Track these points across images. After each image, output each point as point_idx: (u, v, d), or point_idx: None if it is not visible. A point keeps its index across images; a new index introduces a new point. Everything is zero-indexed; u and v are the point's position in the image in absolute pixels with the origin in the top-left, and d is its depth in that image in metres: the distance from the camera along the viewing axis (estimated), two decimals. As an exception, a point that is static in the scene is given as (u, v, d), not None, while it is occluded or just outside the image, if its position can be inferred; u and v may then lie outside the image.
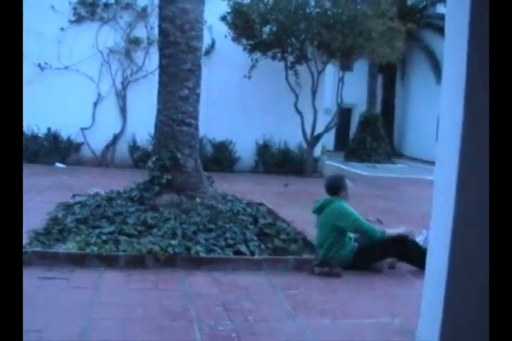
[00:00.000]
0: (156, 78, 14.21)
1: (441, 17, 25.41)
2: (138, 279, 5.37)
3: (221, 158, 16.14)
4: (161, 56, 7.48)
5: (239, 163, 16.81)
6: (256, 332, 4.25)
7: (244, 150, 16.76)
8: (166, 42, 7.33)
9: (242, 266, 6.01)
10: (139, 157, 15.22)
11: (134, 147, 15.61)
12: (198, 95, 7.65)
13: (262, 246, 6.47)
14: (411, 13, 25.40)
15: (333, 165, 20.79)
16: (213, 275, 5.69)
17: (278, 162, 16.95)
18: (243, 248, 6.31)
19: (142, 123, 14.66)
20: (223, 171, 15.25)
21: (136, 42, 15.33)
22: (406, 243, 6.34)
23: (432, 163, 24.98)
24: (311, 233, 7.33)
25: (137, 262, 5.74)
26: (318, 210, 6.61)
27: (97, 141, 15.42)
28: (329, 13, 14.81)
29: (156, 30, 14.86)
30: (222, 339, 4.08)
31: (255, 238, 6.64)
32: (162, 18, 7.31)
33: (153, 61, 14.95)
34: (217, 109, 15.54)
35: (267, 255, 6.30)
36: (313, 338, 4.23)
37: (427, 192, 13.50)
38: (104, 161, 15.57)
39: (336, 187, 6.66)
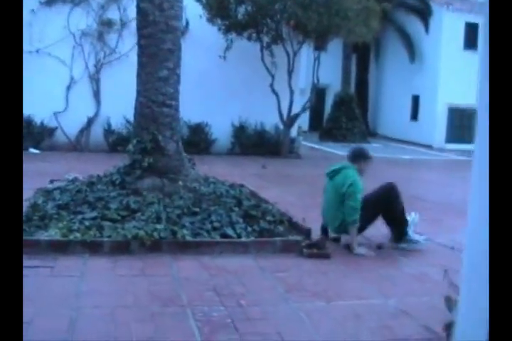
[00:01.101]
0: (130, 60, 14.14)
1: (414, -4, 25.43)
2: (124, 265, 5.23)
3: (197, 140, 15.98)
4: (140, 36, 7.28)
5: (215, 145, 16.71)
6: (250, 317, 4.16)
7: (221, 132, 16.64)
8: (144, 22, 7.13)
9: (229, 249, 5.91)
10: (114, 141, 15.02)
11: (108, 131, 15.39)
12: (179, 76, 7.48)
13: (248, 229, 6.36)
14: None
15: (308, 145, 20.77)
16: (201, 259, 5.58)
17: (254, 143, 16.88)
18: (229, 231, 6.21)
19: (117, 107, 14.47)
20: (200, 153, 15.06)
21: (108, 24, 15.04)
22: (392, 195, 6.47)
23: (406, 142, 25.12)
24: (296, 214, 7.28)
25: (122, 248, 5.60)
26: (331, 174, 6.56)
27: (71, 126, 15.16)
28: (305, -8, 14.63)
29: (128, 12, 14.75)
30: (217, 325, 3.98)
31: (241, 220, 6.54)
32: (140, -3, 7.10)
33: (126, 43, 14.73)
34: (192, 91, 15.29)
35: (254, 237, 6.20)
36: (309, 321, 4.15)
37: (405, 173, 13.66)
38: (78, 146, 15.33)
39: (357, 154, 6.69)
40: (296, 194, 10.20)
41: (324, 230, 6.70)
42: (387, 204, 6.47)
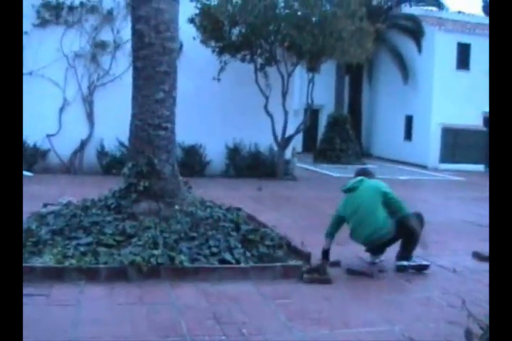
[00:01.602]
0: (123, 82, 14.10)
1: (407, 17, 25.60)
2: (121, 293, 5.09)
3: (191, 163, 15.88)
4: (135, 58, 7.19)
5: (209, 167, 16.61)
6: (253, 346, 4.03)
7: (215, 154, 16.57)
8: (140, 44, 7.04)
9: (228, 275, 5.77)
10: (107, 163, 14.89)
11: (102, 153, 15.27)
12: (174, 98, 7.38)
13: (247, 254, 6.24)
14: (377, 13, 25.44)
15: (303, 167, 20.68)
16: (200, 286, 5.44)
17: (249, 165, 16.80)
18: (228, 256, 6.07)
19: (110, 129, 14.39)
20: (194, 176, 14.94)
21: (102, 45, 15.01)
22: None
23: (400, 163, 25.08)
24: (294, 238, 7.17)
25: (119, 274, 5.45)
26: (351, 189, 6.63)
27: (64, 148, 15.04)
28: (299, 13, 14.67)
29: (122, 33, 14.73)
30: (219, 356, 3.84)
31: (239, 245, 6.40)
32: (136, 19, 7.02)
33: (120, 65, 14.69)
34: (186, 113, 15.19)
35: (253, 263, 6.07)
36: (314, 351, 4.02)
37: (403, 194, 13.51)
38: (72, 168, 15.19)
39: (366, 172, 6.96)
40: (293, 217, 10.09)
41: (325, 254, 6.58)
42: (408, 232, 6.42)
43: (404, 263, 6.43)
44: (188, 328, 4.28)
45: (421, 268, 6.45)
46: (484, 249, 7.79)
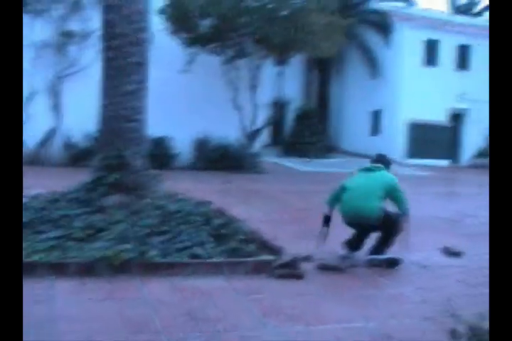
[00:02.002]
0: (91, 73, 13.86)
1: (376, 12, 25.66)
2: (92, 288, 4.97)
3: (159, 155, 15.67)
4: (106, 48, 7.06)
5: (177, 160, 16.49)
6: (229, 343, 3.97)
7: (183, 146, 16.46)
8: (111, 34, 6.91)
9: (200, 270, 5.68)
10: (74, 155, 14.67)
11: (69, 144, 15.03)
12: (146, 90, 7.29)
13: (219, 248, 6.17)
14: (346, 8, 25.45)
15: (271, 160, 20.65)
16: (172, 281, 5.35)
17: (217, 158, 16.73)
18: (199, 250, 5.99)
19: (78, 120, 14.16)
20: (161, 168, 14.72)
21: (69, 35, 14.72)
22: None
23: (368, 157, 25.20)
24: (265, 231, 7.12)
25: (89, 269, 5.32)
26: (367, 169, 6.79)
27: (30, 139, 14.71)
28: (270, 6, 14.59)
29: (90, 23, 14.47)
30: (194, 353, 3.77)
31: (211, 239, 6.34)
32: (107, 8, 6.88)
33: (87, 55, 14.44)
34: (154, 104, 15.02)
35: (225, 257, 6.00)
36: (289, 348, 3.97)
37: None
38: (38, 159, 14.90)
39: (388, 161, 7.04)
40: (263, 210, 10.04)
41: (326, 219, 6.70)
42: (392, 227, 6.52)
43: (376, 257, 6.43)
44: (161, 324, 4.20)
45: (393, 263, 6.45)
46: (455, 244, 7.87)
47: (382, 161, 6.94)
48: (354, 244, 6.72)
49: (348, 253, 6.72)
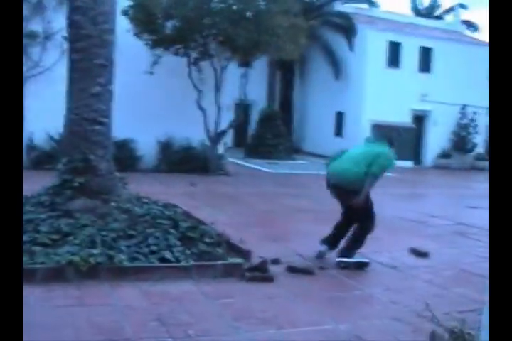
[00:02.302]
0: (54, 74, 13.67)
1: (339, 15, 25.86)
2: (60, 294, 4.88)
3: (122, 157, 15.46)
4: (71, 50, 6.92)
5: (141, 162, 16.33)
6: (201, 348, 3.94)
7: (147, 149, 16.31)
8: (77, 35, 6.79)
9: (169, 274, 5.63)
10: (36, 157, 14.42)
11: (31, 147, 14.76)
12: (111, 92, 7.18)
13: (187, 252, 6.12)
14: (310, 10, 25.61)
15: (234, 162, 20.63)
16: (141, 286, 5.29)
17: (181, 160, 16.62)
18: (168, 254, 5.93)
19: (39, 122, 13.93)
20: (125, 170, 14.59)
21: (31, 36, 14.47)
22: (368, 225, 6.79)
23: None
24: (232, 235, 7.10)
25: (57, 275, 5.23)
26: (368, 139, 7.05)
27: (-11, 141, 14.47)
28: (234, 8, 14.57)
29: (53, 24, 14.26)
30: (167, 359, 3.73)
31: (178, 243, 6.28)
32: (73, 9, 6.75)
33: (50, 57, 14.23)
34: (117, 106, 14.89)
35: (193, 261, 5.95)
36: (262, 352, 3.96)
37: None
38: (-3, 162, 14.62)
39: (391, 140, 7.00)
40: (228, 213, 10.01)
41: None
42: (367, 219, 6.79)
43: (345, 259, 6.46)
44: (132, 331, 4.15)
45: (361, 266, 6.49)
46: (421, 245, 7.95)
47: (388, 138, 7.01)
48: (332, 241, 6.76)
49: (324, 250, 6.75)
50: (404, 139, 24.70)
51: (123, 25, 14.44)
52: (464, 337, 2.52)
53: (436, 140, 26.39)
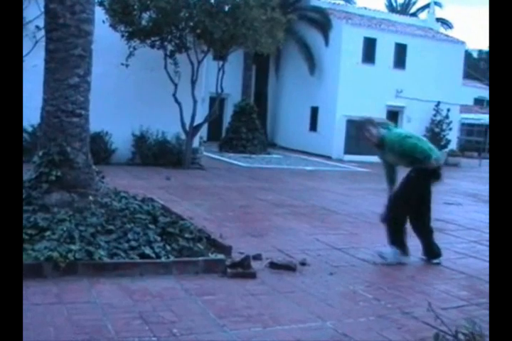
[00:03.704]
0: (26, 65, 13.36)
1: (315, 9, 25.81)
2: (38, 292, 4.73)
3: (96, 150, 15.20)
4: (48, 40, 6.73)
5: (115, 155, 16.14)
6: (186, 347, 3.83)
7: (121, 142, 16.12)
8: (54, 25, 6.60)
9: (149, 271, 5.52)
10: (8, 150, 14.15)
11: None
12: (89, 83, 7.01)
13: (167, 247, 6.01)
14: (286, 4, 25.52)
15: (209, 156, 20.50)
16: (120, 283, 5.17)
17: (155, 153, 16.48)
18: (148, 250, 5.81)
19: (11, 114, 13.64)
20: (99, 163, 14.40)
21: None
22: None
23: (306, 153, 25.29)
24: (211, 229, 7.03)
25: (33, 271, 5.07)
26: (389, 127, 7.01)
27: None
28: (211, 1, 14.42)
29: (25, 13, 13.93)
30: (152, 359, 3.62)
31: (158, 238, 6.16)
32: (50, -3, 6.58)
33: (25, 46, 13.91)
34: (92, 98, 14.68)
35: (174, 256, 5.84)
36: (249, 351, 3.87)
37: (309, 184, 13.65)
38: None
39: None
40: (206, 207, 9.90)
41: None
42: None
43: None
44: (115, 329, 4.03)
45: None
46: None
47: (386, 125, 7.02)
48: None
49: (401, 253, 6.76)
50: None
51: (99, 16, 14.23)
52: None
53: (410, 136, 26.51)
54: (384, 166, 7.00)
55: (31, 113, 9.72)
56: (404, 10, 38.12)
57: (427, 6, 35.28)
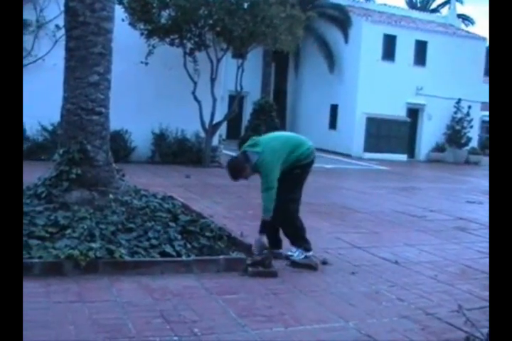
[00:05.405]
0: (46, 64, 13.46)
1: (334, 7, 25.67)
2: (59, 290, 4.72)
3: (116, 148, 15.25)
4: (68, 38, 6.74)
5: (135, 153, 16.17)
6: (208, 347, 3.79)
7: (140, 140, 16.16)
8: (74, 23, 6.60)
9: (170, 269, 5.48)
10: (28, 148, 14.21)
11: (23, 138, 14.53)
12: (109, 81, 7.01)
13: (188, 246, 5.98)
14: (306, 1, 25.41)
15: (229, 154, 20.45)
16: (141, 281, 5.14)
17: (175, 152, 16.50)
18: (168, 248, 5.78)
19: (32, 113, 13.64)
20: (118, 162, 14.44)
21: (24, 25, 14.20)
22: None
23: (325, 151, 25.21)
24: (231, 228, 6.98)
25: (54, 269, 5.07)
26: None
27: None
28: (231, -2, 14.40)
29: (45, 12, 14.04)
30: (173, 359, 3.58)
31: (179, 237, 6.13)
32: (70, -4, 6.58)
33: (43, 46, 14.01)
34: (111, 97, 14.73)
35: (194, 255, 5.81)
36: (271, 351, 3.82)
37: (330, 182, 13.55)
38: (-11, 153, 14.39)
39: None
40: (226, 205, 9.87)
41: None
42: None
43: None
44: (135, 328, 3.99)
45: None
46: (421, 239, 7.87)
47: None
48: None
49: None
50: (398, 132, 24.63)
51: (118, 14, 14.24)
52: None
53: (430, 134, 26.30)
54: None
55: (51, 111, 9.76)
56: (424, 6, 37.82)
57: (448, 1, 34.97)
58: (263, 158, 5.94)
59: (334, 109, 26.20)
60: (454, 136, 26.33)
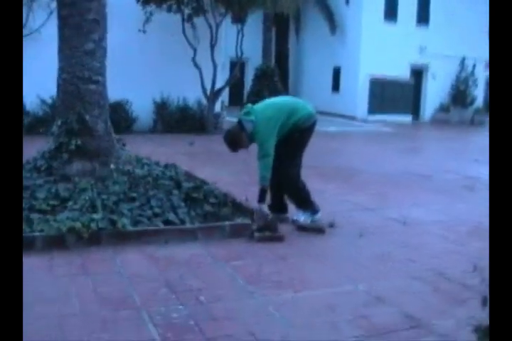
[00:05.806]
0: (42, 36, 13.21)
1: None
2: (62, 263, 4.63)
3: (117, 119, 15.08)
4: (61, 5, 6.54)
5: (137, 123, 15.98)
6: (215, 316, 3.70)
7: (142, 110, 15.94)
8: (65, -11, 6.41)
9: (174, 237, 5.39)
10: (29, 123, 14.05)
11: (22, 112, 14.39)
12: (105, 49, 6.83)
13: (192, 213, 5.87)
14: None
15: (232, 120, 20.26)
16: (145, 251, 5.05)
17: (177, 120, 16.30)
18: (172, 216, 5.68)
19: (30, 86, 13.42)
20: (120, 132, 14.30)
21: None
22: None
23: (329, 114, 24.96)
24: (236, 194, 6.86)
25: (57, 242, 4.98)
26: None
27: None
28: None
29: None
30: (179, 329, 3.49)
31: (182, 204, 6.03)
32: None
33: (37, 18, 13.75)
34: (110, 66, 14.49)
35: (199, 222, 5.71)
36: (280, 316, 3.73)
37: (336, 145, 13.41)
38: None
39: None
40: (230, 172, 9.76)
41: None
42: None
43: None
44: (141, 299, 3.91)
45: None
46: (429, 199, 7.76)
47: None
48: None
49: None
50: (402, 93, 24.33)
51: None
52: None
53: (435, 94, 25.96)
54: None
55: (50, 84, 9.59)
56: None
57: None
58: (257, 126, 5.80)
59: (337, 71, 25.85)
60: (459, 95, 25.97)
